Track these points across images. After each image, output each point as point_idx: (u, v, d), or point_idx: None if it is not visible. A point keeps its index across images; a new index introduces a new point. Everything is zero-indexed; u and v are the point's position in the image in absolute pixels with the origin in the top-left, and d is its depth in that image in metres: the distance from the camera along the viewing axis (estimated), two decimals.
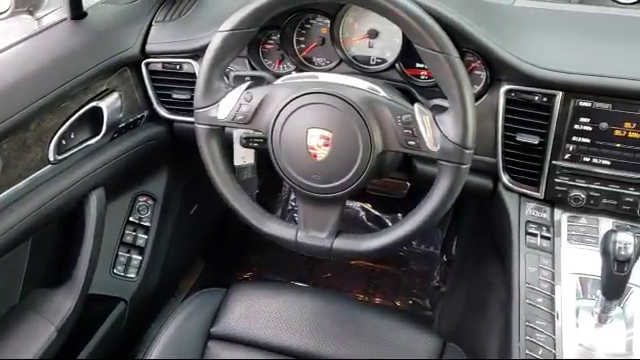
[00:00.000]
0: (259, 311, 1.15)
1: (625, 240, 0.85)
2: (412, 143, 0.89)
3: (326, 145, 0.92)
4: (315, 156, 0.93)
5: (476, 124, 1.06)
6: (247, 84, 0.98)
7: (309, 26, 1.19)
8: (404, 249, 2.07)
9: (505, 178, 1.10)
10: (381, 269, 2.02)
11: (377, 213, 2.14)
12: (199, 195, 1.59)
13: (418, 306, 1.86)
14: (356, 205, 2.13)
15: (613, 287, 0.90)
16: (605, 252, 0.87)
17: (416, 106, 0.89)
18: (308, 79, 0.96)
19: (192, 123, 1.02)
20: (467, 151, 0.88)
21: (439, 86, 0.89)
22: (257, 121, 0.96)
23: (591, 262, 0.98)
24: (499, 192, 1.13)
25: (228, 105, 0.96)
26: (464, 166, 0.89)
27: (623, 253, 0.85)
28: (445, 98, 0.90)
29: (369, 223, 2.12)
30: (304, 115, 0.92)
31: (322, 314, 1.14)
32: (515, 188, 1.10)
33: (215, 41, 0.95)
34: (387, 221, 2.12)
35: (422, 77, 1.13)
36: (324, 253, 0.98)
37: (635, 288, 0.98)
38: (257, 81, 1.02)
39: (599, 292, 0.93)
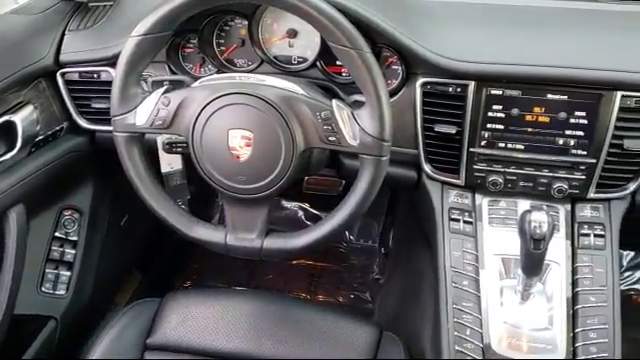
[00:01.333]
0: (195, 318, 1.14)
1: (539, 219, 0.89)
2: (333, 139, 0.91)
3: (248, 145, 0.92)
4: (238, 157, 0.93)
5: (394, 117, 1.09)
6: (164, 88, 0.96)
7: (228, 28, 1.19)
8: (343, 245, 2.10)
9: (427, 168, 1.13)
10: (322, 267, 2.04)
11: (315, 212, 2.15)
12: (128, 206, 1.55)
13: (359, 300, 1.89)
14: (294, 205, 2.14)
15: (532, 265, 0.94)
16: (522, 231, 0.91)
17: (334, 102, 0.91)
18: (226, 80, 0.96)
19: None
20: (385, 143, 0.90)
21: (355, 82, 0.91)
22: (177, 125, 0.95)
23: (512, 243, 1.03)
24: (423, 182, 1.17)
25: (146, 111, 0.95)
26: (384, 158, 0.91)
27: (538, 232, 0.89)
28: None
29: (308, 222, 2.13)
30: (224, 116, 0.92)
31: (260, 316, 1.14)
32: (437, 177, 1.14)
33: (128, 47, 0.93)
34: None
35: (343, 74, 1.15)
36: (255, 253, 0.98)
37: (553, 264, 1.04)
38: (175, 85, 1.01)
39: (520, 271, 0.98)
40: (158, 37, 0.93)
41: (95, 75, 1.21)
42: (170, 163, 1.20)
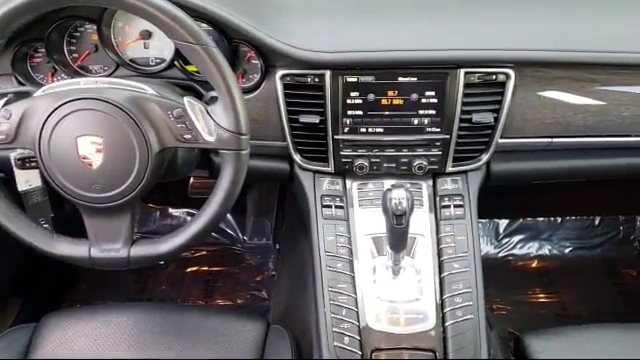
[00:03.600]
0: (73, 338, 1.08)
1: (399, 196, 0.93)
2: (188, 137, 0.90)
3: (99, 152, 0.88)
4: (90, 165, 0.89)
5: (259, 111, 1.12)
6: (4, 100, 0.90)
7: (78, 34, 1.14)
8: (238, 246, 2.09)
9: (298, 159, 1.15)
10: (218, 271, 2.01)
11: None
12: None
13: (256, 299, 1.88)
14: (181, 212, 2.09)
15: (397, 240, 0.98)
16: (385, 209, 0.95)
17: (186, 99, 0.90)
18: (70, 86, 0.91)
19: None
20: (243, 137, 0.90)
21: (206, 78, 0.90)
22: (21, 138, 0.90)
23: (381, 222, 1.06)
24: (296, 173, 1.19)
25: None
26: (243, 152, 0.91)
27: (399, 208, 0.93)
28: None
29: None
30: (70, 124, 0.88)
31: (143, 327, 1.11)
32: (308, 167, 1.16)
33: None
34: None
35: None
36: (122, 263, 0.95)
37: (419, 237, 1.10)
38: (19, 96, 0.95)
39: (388, 247, 1.02)
40: None
41: None
42: (28, 180, 1.12)
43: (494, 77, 1.06)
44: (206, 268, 2.01)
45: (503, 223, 2.06)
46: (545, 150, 1.18)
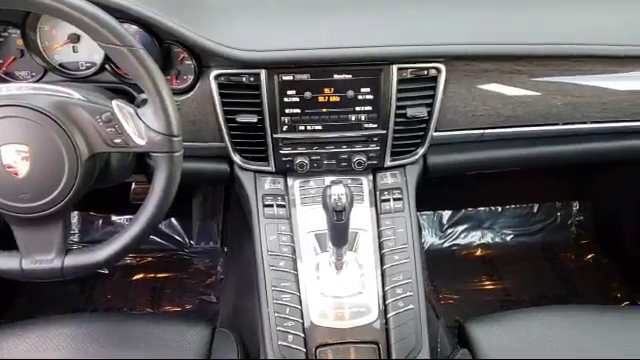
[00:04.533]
0: (10, 355, 1.04)
1: (338, 192, 0.94)
2: (118, 141, 0.88)
3: (25, 160, 0.85)
4: (16, 174, 0.85)
5: (195, 112, 1.11)
6: None
7: (2, 39, 1.09)
8: (185, 251, 2.06)
9: (237, 159, 1.15)
10: (165, 277, 1.98)
11: None
12: None
13: (205, 303, 1.86)
14: (124, 219, 2.05)
15: (338, 235, 0.99)
16: (325, 206, 0.96)
17: (114, 102, 0.88)
18: None
19: None
20: (175, 139, 0.88)
21: (134, 80, 0.88)
22: None
23: (323, 219, 1.07)
24: (236, 173, 1.18)
25: None
26: (176, 154, 0.89)
27: (339, 204, 0.94)
28: None
29: None
30: None
31: (84, 339, 1.07)
32: (248, 167, 1.16)
33: None
34: (162, 227, 2.08)
35: None
36: (56, 274, 0.92)
37: (361, 232, 1.11)
38: None
39: (330, 243, 1.02)
40: None
41: None
42: None
43: (426, 72, 1.09)
44: (153, 275, 1.97)
45: (447, 214, 2.11)
46: (478, 141, 1.22)
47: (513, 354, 1.08)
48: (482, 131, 1.19)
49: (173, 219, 2.07)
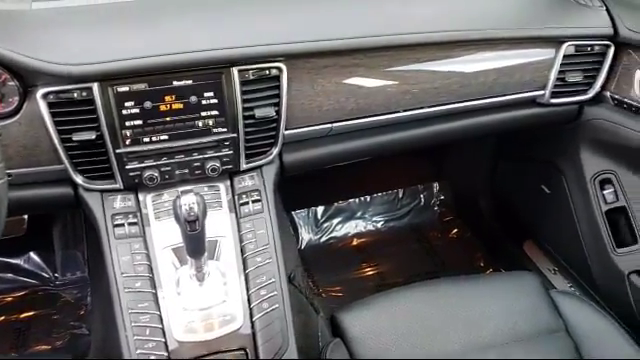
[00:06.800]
0: None
1: (189, 201, 0.91)
2: None
3: None
4: None
5: (24, 135, 1.02)
6: None
7: None
8: (50, 285, 1.91)
9: (80, 180, 1.08)
10: (29, 316, 1.82)
11: (9, 260, 1.91)
12: None
13: (77, 337, 1.74)
14: None
15: (194, 246, 0.96)
16: (177, 217, 0.92)
17: None
18: None
19: None
20: None
21: None
22: None
23: (179, 232, 1.04)
24: (81, 196, 1.11)
25: None
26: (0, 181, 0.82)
27: (191, 213, 0.91)
28: None
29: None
30: None
31: None
32: (94, 187, 1.09)
33: None
34: (20, 263, 1.91)
35: None
36: None
37: (221, 239, 1.09)
38: None
39: (188, 255, 0.99)
40: None
41: None
42: None
43: (268, 72, 1.09)
44: (15, 316, 1.81)
45: (320, 210, 2.15)
46: (330, 135, 1.25)
47: (383, 334, 1.12)
48: (331, 125, 1.22)
49: (32, 253, 1.91)
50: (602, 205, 1.49)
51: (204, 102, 1.07)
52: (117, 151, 1.06)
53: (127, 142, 1.06)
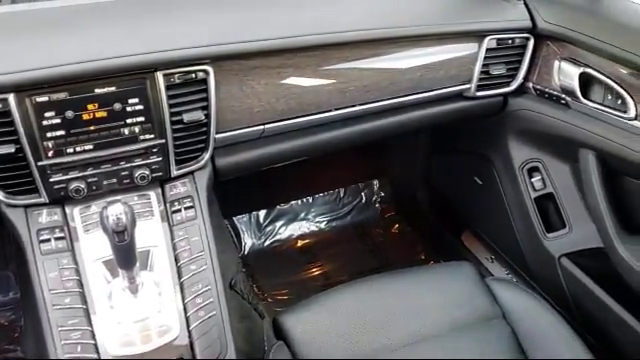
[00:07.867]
0: None
1: (116, 212, 0.88)
2: None
3: None
4: None
5: None
6: None
7: None
8: None
9: (1, 196, 1.03)
10: None
11: None
12: None
13: None
14: None
15: (124, 257, 0.93)
16: (105, 229, 0.89)
17: None
18: None
19: None
20: None
21: None
22: None
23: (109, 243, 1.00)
24: (3, 212, 1.05)
25: None
26: None
27: (119, 224, 0.88)
28: None
29: None
30: None
31: None
32: (16, 202, 1.04)
33: None
34: None
35: None
36: None
37: (154, 249, 1.06)
38: None
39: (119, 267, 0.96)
40: None
41: None
42: None
43: (194, 75, 1.07)
44: None
45: (262, 214, 2.13)
46: (263, 137, 1.24)
47: (325, 333, 1.12)
48: (263, 127, 1.21)
49: None
50: (531, 192, 1.54)
51: (129, 109, 1.04)
52: (39, 164, 1.01)
53: (50, 154, 1.02)
